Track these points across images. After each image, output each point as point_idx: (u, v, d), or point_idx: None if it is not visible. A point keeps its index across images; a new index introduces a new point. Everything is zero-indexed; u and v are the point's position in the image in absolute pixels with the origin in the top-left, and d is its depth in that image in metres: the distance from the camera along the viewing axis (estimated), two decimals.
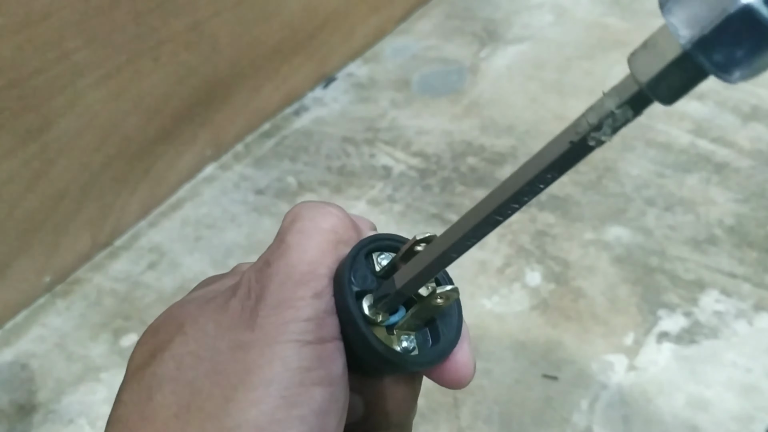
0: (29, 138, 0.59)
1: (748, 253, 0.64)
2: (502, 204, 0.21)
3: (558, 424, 0.53)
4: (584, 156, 0.20)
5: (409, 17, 0.98)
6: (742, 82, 0.17)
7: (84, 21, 0.59)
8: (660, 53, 0.18)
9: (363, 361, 0.25)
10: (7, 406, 0.56)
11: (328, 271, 0.24)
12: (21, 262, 0.62)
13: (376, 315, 0.24)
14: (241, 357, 0.22)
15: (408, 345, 0.25)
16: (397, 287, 0.24)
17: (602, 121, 0.19)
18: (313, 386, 0.22)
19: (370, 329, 0.24)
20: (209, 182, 0.75)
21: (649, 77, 0.18)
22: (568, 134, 0.20)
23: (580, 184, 0.72)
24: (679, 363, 0.56)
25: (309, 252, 0.24)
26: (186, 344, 0.23)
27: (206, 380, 0.22)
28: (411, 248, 0.25)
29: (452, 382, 0.26)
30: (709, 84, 0.19)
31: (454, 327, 0.26)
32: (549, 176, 0.20)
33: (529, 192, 0.21)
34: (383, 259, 0.26)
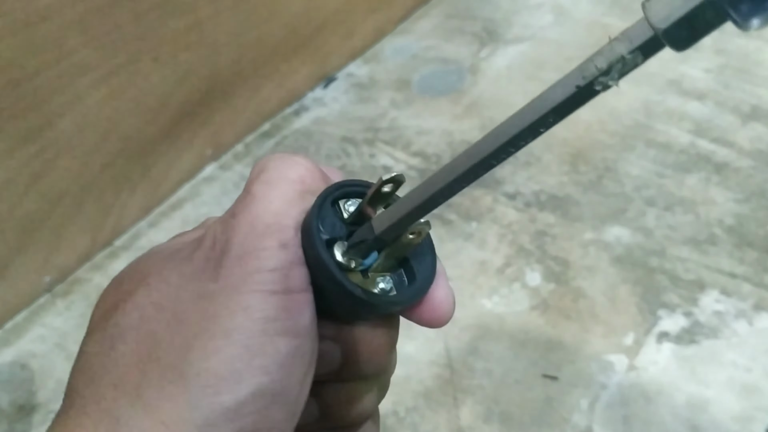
0: (29, 138, 0.59)
1: (748, 253, 0.64)
2: (499, 147, 0.21)
3: (558, 424, 0.53)
4: (588, 100, 0.20)
5: (409, 17, 0.98)
6: (757, 29, 0.17)
7: (84, 21, 0.59)
8: (680, 0, 0.18)
9: (341, 308, 0.24)
10: (7, 406, 0.56)
11: (293, 222, 0.24)
12: (21, 262, 0.62)
13: (350, 261, 0.24)
14: (204, 307, 0.22)
15: (385, 286, 0.25)
16: (376, 233, 0.24)
17: (612, 65, 0.19)
18: (277, 336, 0.22)
19: (345, 275, 0.24)
20: (209, 182, 0.75)
21: (669, 23, 0.18)
22: (574, 78, 0.19)
23: (580, 184, 0.72)
24: (679, 363, 0.56)
25: (274, 202, 0.24)
26: (149, 295, 0.23)
27: (168, 330, 0.22)
28: (378, 191, 0.25)
29: (433, 320, 0.26)
30: (709, 84, 0.19)
31: (429, 264, 0.26)
32: (551, 120, 0.20)
33: (528, 135, 0.21)
34: (350, 205, 0.25)
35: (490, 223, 0.68)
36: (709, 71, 0.85)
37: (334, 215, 0.25)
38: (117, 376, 0.22)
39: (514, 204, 0.70)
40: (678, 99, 0.82)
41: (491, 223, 0.68)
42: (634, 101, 0.82)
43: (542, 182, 0.73)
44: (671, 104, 0.81)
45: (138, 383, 0.21)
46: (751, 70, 0.85)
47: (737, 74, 0.85)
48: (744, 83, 0.83)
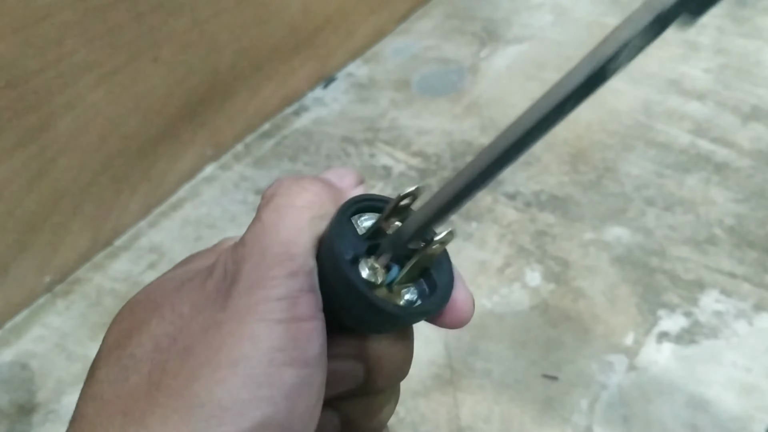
0: (29, 138, 0.59)
1: (748, 253, 0.64)
2: (522, 136, 0.22)
3: (558, 424, 0.53)
4: (605, 82, 0.20)
5: (409, 17, 0.98)
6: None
7: (84, 21, 0.59)
8: None
9: (369, 325, 0.25)
10: (7, 406, 0.56)
11: (303, 250, 0.24)
12: (21, 262, 0.62)
13: (376, 277, 0.24)
14: (212, 337, 0.22)
15: (411, 297, 0.25)
16: (402, 243, 0.24)
17: (620, 50, 0.19)
18: (283, 366, 0.22)
19: (374, 293, 0.24)
20: (209, 182, 0.75)
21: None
22: (587, 64, 0.20)
23: (580, 184, 0.72)
24: (679, 363, 0.56)
25: (283, 232, 0.24)
26: (163, 326, 0.23)
27: (179, 360, 0.22)
28: (396, 207, 0.25)
29: (456, 321, 0.27)
30: (709, 84, 0.19)
31: (447, 269, 0.26)
32: (568, 106, 0.21)
33: (549, 124, 0.22)
34: (365, 220, 0.26)
35: (490, 223, 0.68)
36: (709, 71, 0.85)
37: (350, 232, 0.25)
38: (127, 405, 0.22)
39: (514, 204, 0.70)
40: (678, 99, 0.82)
41: (491, 223, 0.68)
42: (634, 101, 0.82)
43: (542, 182, 0.73)
44: (671, 104, 0.81)
45: (144, 412, 0.22)
46: (751, 70, 0.85)
47: (737, 74, 0.85)
48: (744, 83, 0.83)
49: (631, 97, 0.83)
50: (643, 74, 0.86)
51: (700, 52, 0.89)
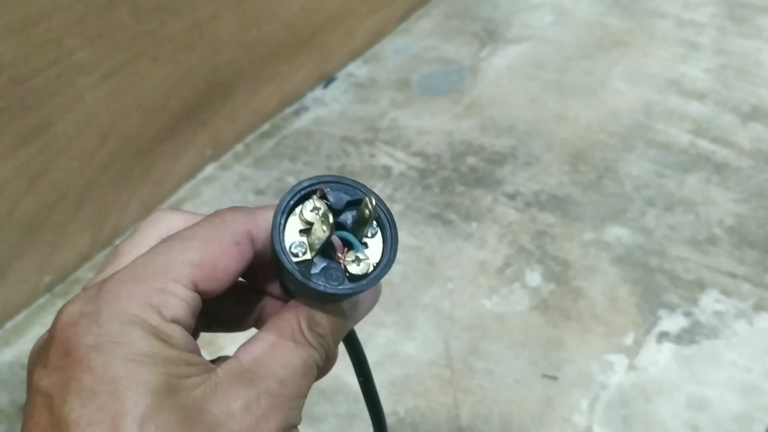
0: (29, 138, 0.59)
1: (748, 253, 0.64)
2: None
3: (558, 424, 0.53)
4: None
5: (409, 17, 0.98)
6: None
7: (84, 21, 0.59)
8: None
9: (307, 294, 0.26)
10: (7, 406, 0.56)
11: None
12: (21, 262, 0.62)
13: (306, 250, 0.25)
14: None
15: (358, 270, 0.26)
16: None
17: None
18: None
19: (339, 284, 0.25)
20: (209, 182, 0.75)
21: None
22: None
23: (580, 184, 0.72)
24: (679, 363, 0.56)
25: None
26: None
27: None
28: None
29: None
30: (709, 84, 0.19)
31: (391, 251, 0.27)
32: None
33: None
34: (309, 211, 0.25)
35: (490, 223, 0.68)
36: (709, 71, 0.85)
37: (289, 232, 0.25)
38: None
39: (514, 204, 0.70)
40: (678, 99, 0.82)
41: (491, 223, 0.68)
42: (634, 101, 0.82)
43: (542, 182, 0.73)
44: (671, 104, 0.81)
45: None
46: (751, 70, 0.85)
47: (737, 74, 0.85)
48: (744, 83, 0.84)
49: (631, 97, 0.83)
50: (643, 74, 0.86)
51: (700, 52, 0.89)
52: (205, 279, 0.25)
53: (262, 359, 0.25)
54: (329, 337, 0.26)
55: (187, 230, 0.26)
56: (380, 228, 0.26)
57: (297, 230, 0.25)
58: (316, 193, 0.26)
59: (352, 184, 0.26)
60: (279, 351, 0.25)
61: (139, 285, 0.24)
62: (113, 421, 0.22)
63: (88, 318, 0.24)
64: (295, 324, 0.26)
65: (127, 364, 0.22)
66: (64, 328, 0.24)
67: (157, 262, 0.25)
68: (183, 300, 0.24)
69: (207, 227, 0.26)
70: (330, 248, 0.26)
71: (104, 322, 0.23)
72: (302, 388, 0.25)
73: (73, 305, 0.24)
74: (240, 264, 0.26)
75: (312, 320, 0.26)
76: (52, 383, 0.23)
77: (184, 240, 0.25)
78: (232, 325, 0.30)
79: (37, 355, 0.24)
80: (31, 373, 0.24)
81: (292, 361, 0.25)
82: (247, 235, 0.26)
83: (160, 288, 0.24)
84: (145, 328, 0.23)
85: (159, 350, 0.23)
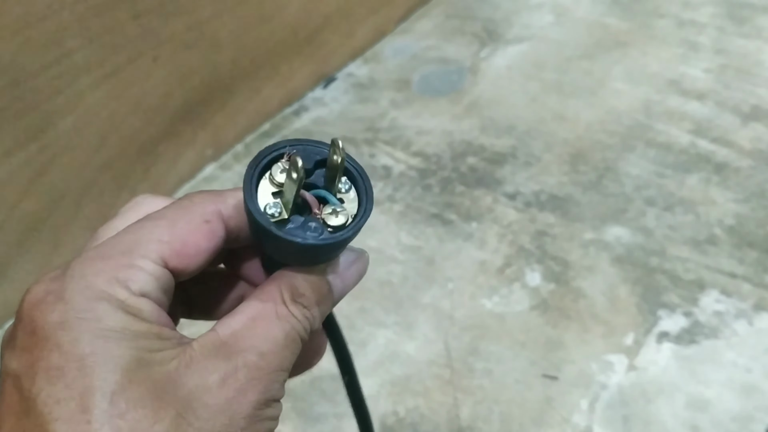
0: (29, 138, 0.59)
1: (748, 253, 0.64)
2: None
3: (558, 424, 0.53)
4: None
5: (409, 17, 0.98)
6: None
7: (84, 21, 0.59)
8: None
9: (292, 255, 0.25)
10: None
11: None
12: (21, 262, 0.62)
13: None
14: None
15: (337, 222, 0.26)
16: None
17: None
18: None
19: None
20: (209, 182, 0.75)
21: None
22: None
23: (580, 184, 0.72)
24: (679, 363, 0.56)
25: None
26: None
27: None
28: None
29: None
30: (709, 84, 0.19)
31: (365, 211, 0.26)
32: None
33: None
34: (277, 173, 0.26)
35: (490, 223, 0.68)
36: (709, 71, 0.85)
37: (263, 195, 0.25)
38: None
39: (514, 204, 0.70)
40: (678, 99, 0.82)
41: (491, 223, 0.68)
42: (634, 101, 0.82)
43: (542, 182, 0.73)
44: (671, 104, 0.81)
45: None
46: (751, 70, 0.85)
47: (737, 74, 0.85)
48: (744, 83, 0.84)
49: (631, 97, 0.83)
50: (643, 74, 0.86)
51: (700, 52, 0.89)
52: (176, 256, 0.24)
53: (242, 332, 0.24)
54: (313, 308, 0.26)
55: (156, 212, 0.26)
56: (352, 183, 0.27)
57: (270, 193, 0.25)
58: (282, 157, 0.26)
59: (317, 144, 0.26)
60: (260, 323, 0.24)
61: (105, 262, 0.24)
62: (81, 398, 0.21)
63: (53, 295, 0.23)
64: (277, 295, 0.25)
65: (95, 340, 0.22)
66: (30, 308, 0.23)
67: (126, 241, 0.24)
68: (151, 275, 0.24)
69: (176, 208, 0.26)
70: (306, 209, 0.25)
71: (70, 298, 0.23)
72: (284, 362, 0.24)
73: (38, 285, 0.24)
74: (211, 242, 0.25)
75: (295, 291, 0.25)
76: (21, 365, 0.23)
77: (152, 219, 0.25)
78: (212, 311, 0.30)
79: (6, 338, 0.24)
80: (2, 357, 0.24)
81: (274, 333, 0.24)
82: (216, 213, 0.26)
83: (127, 264, 0.24)
84: (113, 303, 0.23)
85: (128, 324, 0.23)
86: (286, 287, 0.25)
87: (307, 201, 0.25)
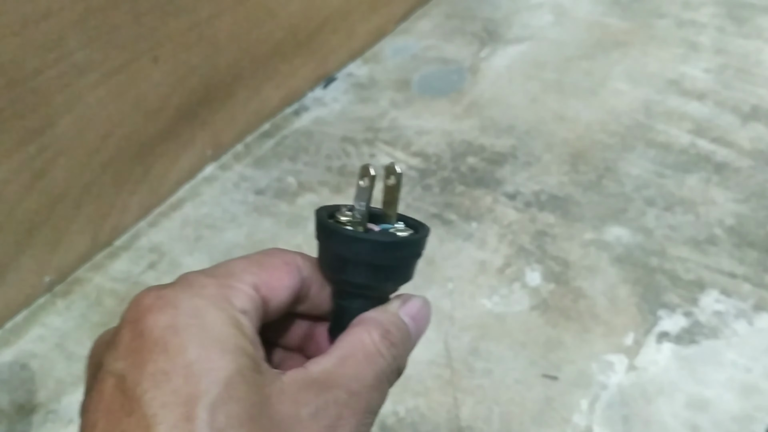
0: (29, 138, 0.59)
1: (748, 253, 0.64)
2: None
3: (558, 424, 0.53)
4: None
5: (409, 17, 0.98)
6: None
7: (84, 21, 0.59)
8: None
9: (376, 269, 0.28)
10: (7, 406, 0.56)
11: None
12: (21, 262, 0.62)
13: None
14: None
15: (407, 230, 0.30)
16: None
17: None
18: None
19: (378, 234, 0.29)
20: (209, 182, 0.75)
21: None
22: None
23: (580, 184, 0.72)
24: (679, 363, 0.56)
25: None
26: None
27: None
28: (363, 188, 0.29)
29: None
30: (709, 84, 0.19)
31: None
32: None
33: None
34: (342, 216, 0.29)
35: (490, 223, 0.68)
36: (709, 71, 0.85)
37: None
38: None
39: (514, 204, 0.70)
40: (678, 99, 0.82)
41: (491, 223, 0.68)
42: (634, 101, 0.82)
43: (542, 182, 0.73)
44: (671, 104, 0.81)
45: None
46: (751, 70, 0.86)
47: (737, 74, 0.85)
48: (744, 83, 0.84)
49: (631, 97, 0.83)
50: (643, 74, 0.86)
51: (700, 52, 0.89)
52: (265, 286, 0.26)
53: (333, 370, 0.25)
54: (400, 346, 0.27)
55: (243, 255, 0.28)
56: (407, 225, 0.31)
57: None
58: (341, 209, 0.29)
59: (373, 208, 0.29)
60: (350, 362, 0.25)
61: (210, 279, 0.25)
62: (186, 405, 0.21)
63: (163, 300, 0.24)
64: (365, 335, 0.26)
65: (202, 348, 0.22)
66: (139, 311, 0.24)
67: (225, 268, 0.26)
68: (250, 297, 0.25)
69: (260, 253, 0.28)
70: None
71: (179, 304, 0.23)
72: (372, 403, 0.25)
73: (148, 291, 0.25)
74: (292, 281, 0.27)
75: (382, 329, 0.27)
76: (126, 365, 0.23)
77: (242, 258, 0.27)
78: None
79: (106, 342, 0.24)
80: (99, 360, 0.24)
81: (364, 372, 0.25)
82: (294, 259, 0.28)
83: (229, 284, 0.25)
84: (220, 314, 0.24)
85: (232, 337, 0.23)
86: (374, 327, 0.27)
87: (361, 224, 0.29)
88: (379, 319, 0.27)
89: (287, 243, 0.66)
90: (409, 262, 0.29)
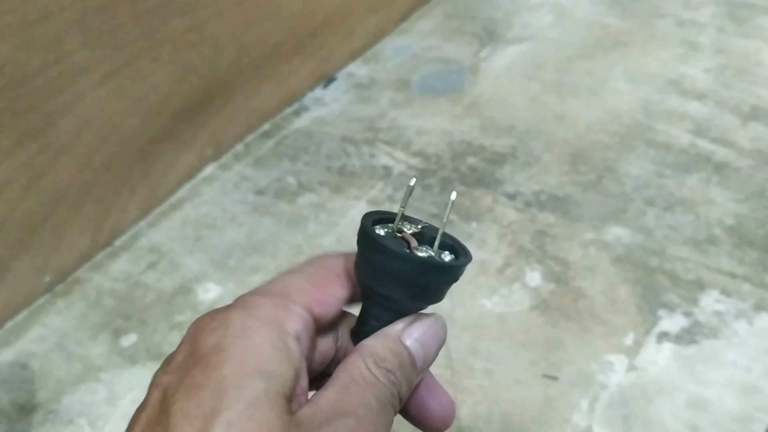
0: (29, 138, 0.59)
1: (748, 253, 0.64)
2: None
3: (558, 424, 0.53)
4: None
5: (409, 17, 0.98)
6: None
7: (84, 21, 0.59)
8: None
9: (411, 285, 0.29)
10: (7, 406, 0.56)
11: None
12: (21, 262, 0.62)
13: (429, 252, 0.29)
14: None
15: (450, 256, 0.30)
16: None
17: None
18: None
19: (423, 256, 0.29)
20: (209, 182, 0.75)
21: None
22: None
23: (580, 184, 0.72)
24: (679, 363, 0.56)
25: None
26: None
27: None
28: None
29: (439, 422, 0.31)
30: (709, 84, 0.19)
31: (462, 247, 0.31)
32: None
33: None
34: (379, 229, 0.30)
35: (490, 223, 0.68)
36: (709, 71, 0.85)
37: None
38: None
39: (514, 204, 0.70)
40: (678, 99, 0.82)
41: (491, 223, 0.68)
42: (634, 101, 0.82)
43: (542, 182, 0.73)
44: (671, 104, 0.81)
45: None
46: (751, 70, 0.86)
47: (737, 74, 0.85)
48: (744, 83, 0.84)
49: (631, 97, 0.83)
50: (643, 74, 0.86)
51: (700, 52, 0.89)
52: (317, 304, 0.27)
53: (337, 399, 0.25)
54: (397, 371, 0.27)
55: (296, 267, 0.28)
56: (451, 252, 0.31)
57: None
58: (383, 222, 0.30)
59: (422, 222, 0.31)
60: (352, 389, 0.26)
61: (265, 298, 0.26)
62: (205, 419, 0.22)
63: (217, 322, 0.25)
64: (360, 363, 0.26)
65: (239, 365, 0.23)
66: (195, 332, 0.25)
67: (280, 286, 0.27)
68: (303, 319, 0.26)
69: (311, 264, 0.28)
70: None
71: (231, 324, 0.24)
72: (379, 428, 0.25)
73: (208, 313, 0.26)
74: (344, 292, 0.28)
75: (376, 356, 0.27)
76: (172, 379, 0.24)
77: (295, 273, 0.28)
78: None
79: (167, 359, 0.25)
80: (157, 371, 0.25)
81: (367, 398, 0.25)
82: (344, 267, 0.29)
83: (284, 305, 0.26)
84: (269, 335, 0.24)
85: (274, 360, 0.24)
86: (368, 354, 0.27)
87: (405, 239, 0.29)
88: (375, 348, 0.27)
89: (287, 243, 0.66)
90: (444, 287, 0.30)
